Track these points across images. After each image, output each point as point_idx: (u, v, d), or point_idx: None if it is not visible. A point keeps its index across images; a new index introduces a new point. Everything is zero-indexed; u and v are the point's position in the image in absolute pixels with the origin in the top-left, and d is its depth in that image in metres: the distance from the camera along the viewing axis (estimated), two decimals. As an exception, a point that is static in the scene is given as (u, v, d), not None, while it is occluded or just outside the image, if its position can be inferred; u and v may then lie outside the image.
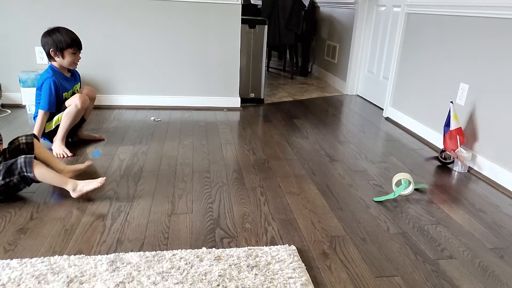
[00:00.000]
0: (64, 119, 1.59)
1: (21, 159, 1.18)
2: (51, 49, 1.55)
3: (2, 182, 1.17)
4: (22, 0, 2.12)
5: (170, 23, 2.29)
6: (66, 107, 1.61)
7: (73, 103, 1.59)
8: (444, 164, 1.72)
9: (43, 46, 1.56)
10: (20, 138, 1.31)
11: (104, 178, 1.24)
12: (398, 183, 1.41)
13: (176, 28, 2.30)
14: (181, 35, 2.31)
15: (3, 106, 2.20)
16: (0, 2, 2.11)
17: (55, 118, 1.63)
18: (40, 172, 1.18)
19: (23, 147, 1.30)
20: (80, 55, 1.64)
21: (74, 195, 1.22)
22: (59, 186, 1.23)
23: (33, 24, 2.13)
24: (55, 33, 1.54)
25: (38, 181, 1.21)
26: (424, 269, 1.00)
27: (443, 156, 1.73)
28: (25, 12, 2.14)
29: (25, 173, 1.17)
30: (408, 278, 0.96)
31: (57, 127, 1.62)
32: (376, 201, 1.33)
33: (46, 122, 1.61)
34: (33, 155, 1.22)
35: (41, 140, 1.64)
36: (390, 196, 1.33)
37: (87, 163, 1.39)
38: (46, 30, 1.56)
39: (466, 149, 1.70)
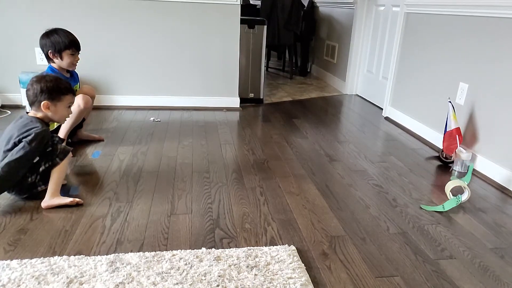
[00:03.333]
0: (66, 119, 1.59)
1: (62, 145, 1.23)
2: (49, 51, 1.55)
3: (47, 165, 1.19)
4: (22, 2, 2.12)
5: (169, 24, 2.29)
6: None
7: (76, 103, 1.59)
8: (445, 164, 1.72)
9: (42, 48, 1.56)
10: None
11: (81, 201, 1.21)
12: (453, 192, 1.35)
13: (176, 29, 2.30)
14: (180, 35, 2.31)
15: (3, 107, 2.20)
16: (0, 3, 2.12)
17: (56, 119, 1.63)
18: (62, 166, 1.21)
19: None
20: (79, 56, 1.64)
21: (45, 203, 1.19)
22: (51, 187, 1.20)
23: (33, 25, 2.13)
24: (53, 35, 1.54)
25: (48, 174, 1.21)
26: (424, 269, 1.00)
27: (444, 156, 1.73)
28: (25, 13, 2.14)
29: (56, 159, 1.20)
30: (408, 278, 0.96)
31: (58, 127, 1.62)
32: (422, 208, 1.28)
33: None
34: (71, 148, 1.26)
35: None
36: (439, 209, 1.28)
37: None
38: (44, 31, 1.56)
39: (466, 148, 1.70)
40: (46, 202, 1.19)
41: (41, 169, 1.20)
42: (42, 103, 1.17)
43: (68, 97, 1.21)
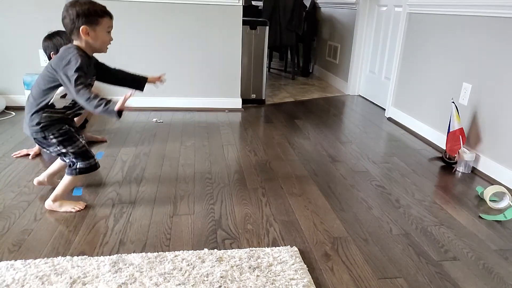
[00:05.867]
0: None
1: (96, 161, 1.20)
2: (52, 53, 1.57)
3: (71, 156, 1.15)
4: (26, 4, 2.14)
5: (171, 25, 2.30)
6: None
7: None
8: (448, 164, 1.71)
9: (44, 50, 1.58)
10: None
11: (84, 204, 1.22)
12: (494, 198, 1.31)
13: (177, 30, 2.31)
14: (182, 36, 2.32)
15: (8, 108, 2.22)
16: (4, 6, 2.14)
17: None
18: (76, 177, 1.20)
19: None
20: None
21: (49, 206, 1.19)
22: (58, 190, 1.20)
23: (36, 28, 2.14)
24: (56, 37, 1.56)
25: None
26: (428, 270, 1.00)
27: (447, 156, 1.72)
28: (29, 15, 2.16)
29: (77, 169, 1.17)
30: (411, 280, 0.96)
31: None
32: (482, 217, 1.24)
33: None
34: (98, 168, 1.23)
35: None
36: (500, 218, 1.23)
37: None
38: (47, 34, 1.58)
39: (469, 149, 1.69)
40: (50, 205, 1.20)
41: (64, 150, 1.15)
42: (81, 28, 1.08)
43: (106, 20, 1.14)
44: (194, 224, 1.16)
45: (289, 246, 1.05)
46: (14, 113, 2.16)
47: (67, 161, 1.19)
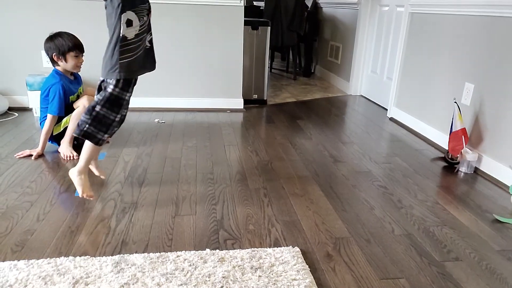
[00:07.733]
0: (72, 121, 1.61)
1: (101, 137, 1.16)
2: (54, 54, 1.58)
3: (102, 112, 1.12)
4: (28, 6, 2.15)
5: (173, 25, 2.31)
6: (74, 109, 1.64)
7: (81, 104, 1.62)
8: (450, 164, 1.70)
9: (46, 51, 1.59)
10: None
11: (92, 198, 1.23)
12: None
13: (179, 30, 2.31)
14: (184, 37, 2.33)
15: (10, 109, 2.24)
16: (6, 8, 2.15)
17: (63, 121, 1.66)
18: (91, 145, 1.17)
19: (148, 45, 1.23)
20: (83, 58, 1.66)
21: (72, 172, 1.20)
22: (83, 155, 1.18)
23: (39, 29, 2.16)
24: (57, 38, 1.57)
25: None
26: (430, 271, 0.99)
27: (450, 156, 1.71)
28: (32, 16, 2.17)
29: (86, 128, 1.13)
30: (413, 281, 0.96)
31: (65, 129, 1.65)
32: (497, 219, 1.23)
33: (54, 125, 1.64)
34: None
35: (49, 143, 1.68)
36: None
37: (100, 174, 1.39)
38: (48, 35, 1.59)
39: (471, 149, 1.68)
40: (72, 174, 1.21)
41: (98, 103, 1.12)
42: None
43: None
44: (196, 225, 1.16)
45: (291, 246, 1.05)
46: (16, 114, 2.18)
47: (82, 118, 1.14)
